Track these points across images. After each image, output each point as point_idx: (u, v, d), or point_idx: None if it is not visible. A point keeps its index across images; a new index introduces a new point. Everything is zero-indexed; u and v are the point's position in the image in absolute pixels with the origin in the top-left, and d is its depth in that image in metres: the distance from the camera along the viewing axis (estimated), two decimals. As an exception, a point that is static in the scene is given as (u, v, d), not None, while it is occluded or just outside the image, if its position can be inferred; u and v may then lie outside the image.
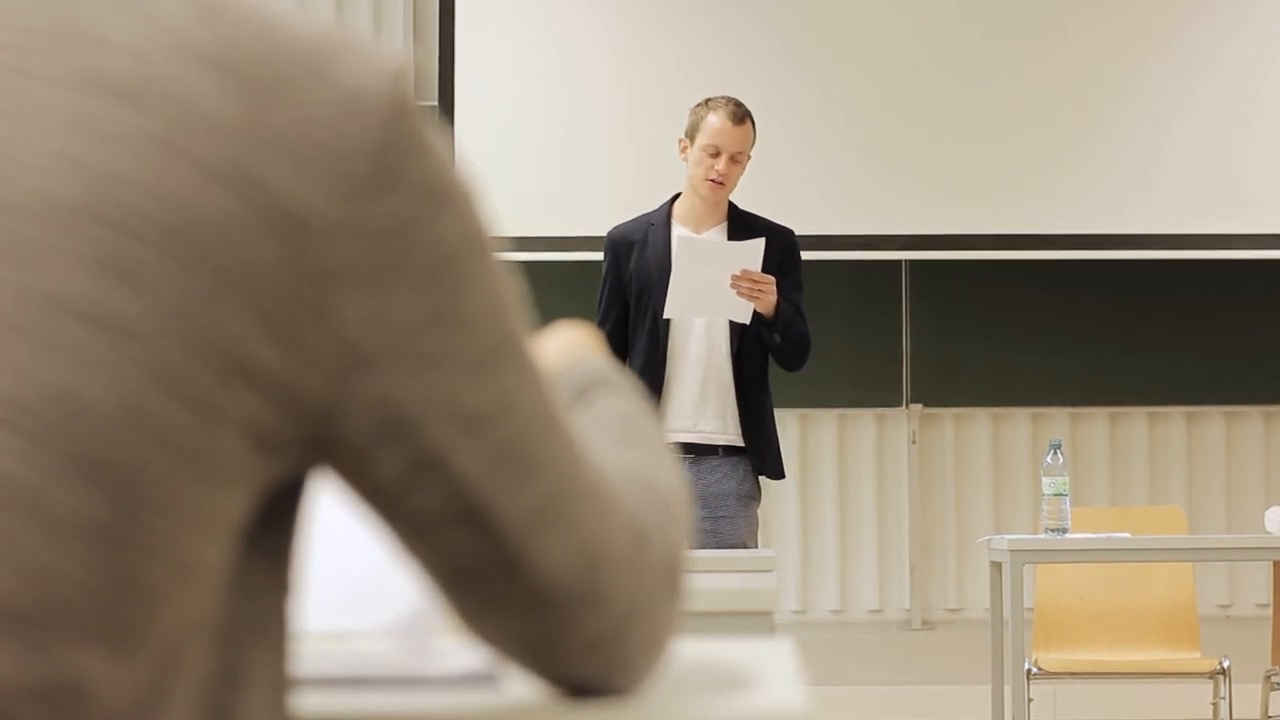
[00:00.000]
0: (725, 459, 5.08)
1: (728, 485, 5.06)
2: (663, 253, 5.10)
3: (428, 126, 0.87)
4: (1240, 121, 7.15)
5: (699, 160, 5.11)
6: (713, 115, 5.13)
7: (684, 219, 5.18)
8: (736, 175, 5.14)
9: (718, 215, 5.18)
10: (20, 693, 0.77)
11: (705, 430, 5.08)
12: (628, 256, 5.14)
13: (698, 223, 5.17)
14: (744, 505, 5.10)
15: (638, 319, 5.11)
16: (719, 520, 5.03)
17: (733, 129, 5.11)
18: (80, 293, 0.79)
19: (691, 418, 5.07)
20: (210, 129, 0.82)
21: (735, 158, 5.11)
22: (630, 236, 5.18)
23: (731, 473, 5.08)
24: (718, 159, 5.09)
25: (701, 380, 5.08)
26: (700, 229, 5.16)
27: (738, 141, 5.11)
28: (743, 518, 5.09)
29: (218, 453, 0.81)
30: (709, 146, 5.10)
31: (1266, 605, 7.10)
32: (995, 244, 7.10)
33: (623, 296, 5.14)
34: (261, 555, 0.86)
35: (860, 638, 7.14)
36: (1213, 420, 7.21)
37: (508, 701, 0.97)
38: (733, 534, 5.04)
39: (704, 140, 5.11)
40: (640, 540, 0.94)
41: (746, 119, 5.14)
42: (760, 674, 1.05)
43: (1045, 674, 5.41)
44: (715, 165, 5.08)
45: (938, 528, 7.16)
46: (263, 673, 0.86)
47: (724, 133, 5.10)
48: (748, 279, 4.93)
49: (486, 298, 0.88)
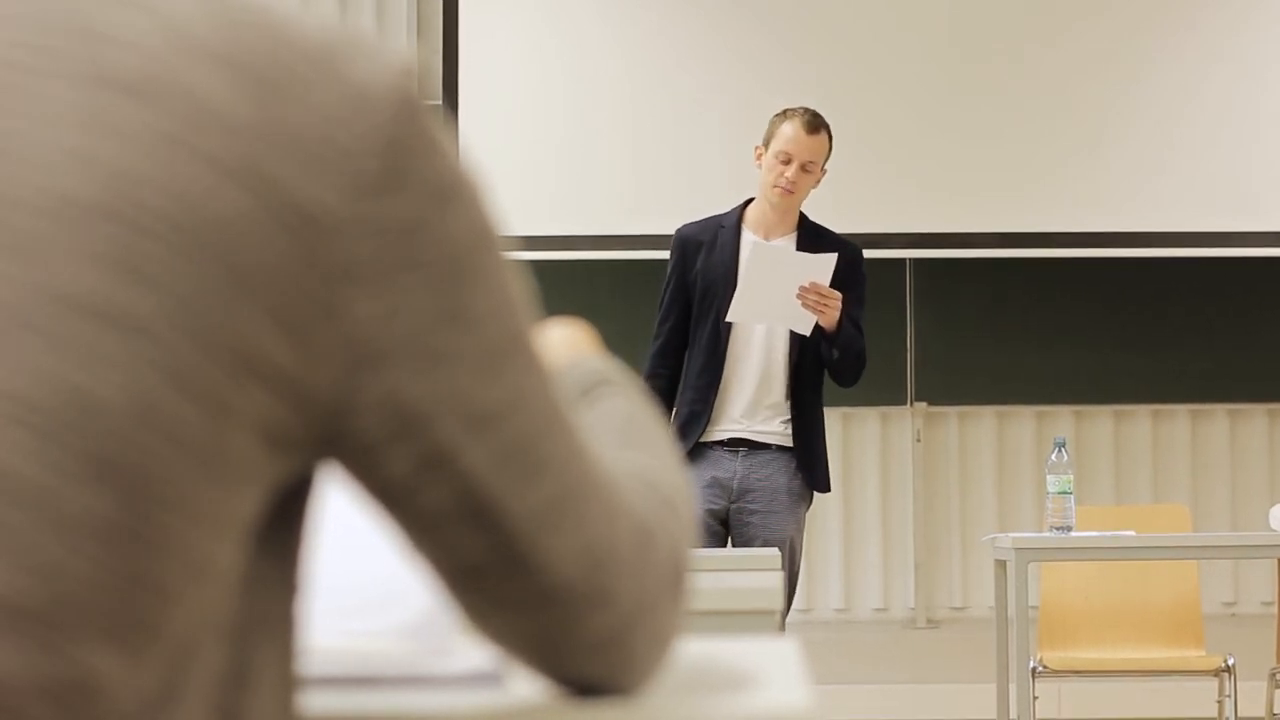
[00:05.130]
0: (778, 455, 5.11)
1: (779, 480, 5.09)
2: (730, 256, 5.14)
3: (436, 125, 0.87)
4: (1245, 119, 7.14)
5: (771, 167, 5.16)
6: (787, 124, 5.17)
7: (754, 225, 5.21)
8: (807, 185, 5.17)
9: (788, 224, 5.21)
10: (32, 691, 0.77)
11: (757, 429, 5.11)
12: (695, 256, 5.18)
13: (767, 230, 5.20)
14: (795, 503, 5.11)
15: (700, 318, 5.14)
16: (769, 515, 5.06)
17: (806, 138, 5.14)
18: (92, 290, 0.79)
19: (744, 420, 5.11)
20: (221, 126, 0.82)
21: (807, 167, 5.14)
22: (699, 237, 5.21)
23: (784, 469, 5.10)
24: (788, 166, 5.12)
25: (757, 386, 5.12)
26: (770, 236, 5.19)
27: (810, 150, 5.14)
28: (793, 516, 5.10)
29: (229, 450, 0.81)
30: (781, 154, 5.14)
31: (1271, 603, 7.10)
32: (1000, 242, 7.10)
33: (685, 294, 5.18)
34: (271, 554, 0.86)
35: (865, 636, 7.14)
36: (1217, 418, 7.21)
37: (514, 701, 0.97)
38: (782, 530, 5.05)
39: (777, 148, 5.15)
40: (645, 540, 0.94)
41: (821, 129, 5.18)
42: (765, 673, 1.05)
43: (1050, 672, 5.41)
44: (785, 173, 5.12)
45: (942, 526, 7.16)
46: (271, 672, 0.86)
47: (796, 141, 5.14)
48: (816, 292, 4.96)
49: (495, 296, 0.88)
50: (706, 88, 6.85)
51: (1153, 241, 7.11)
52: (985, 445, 7.18)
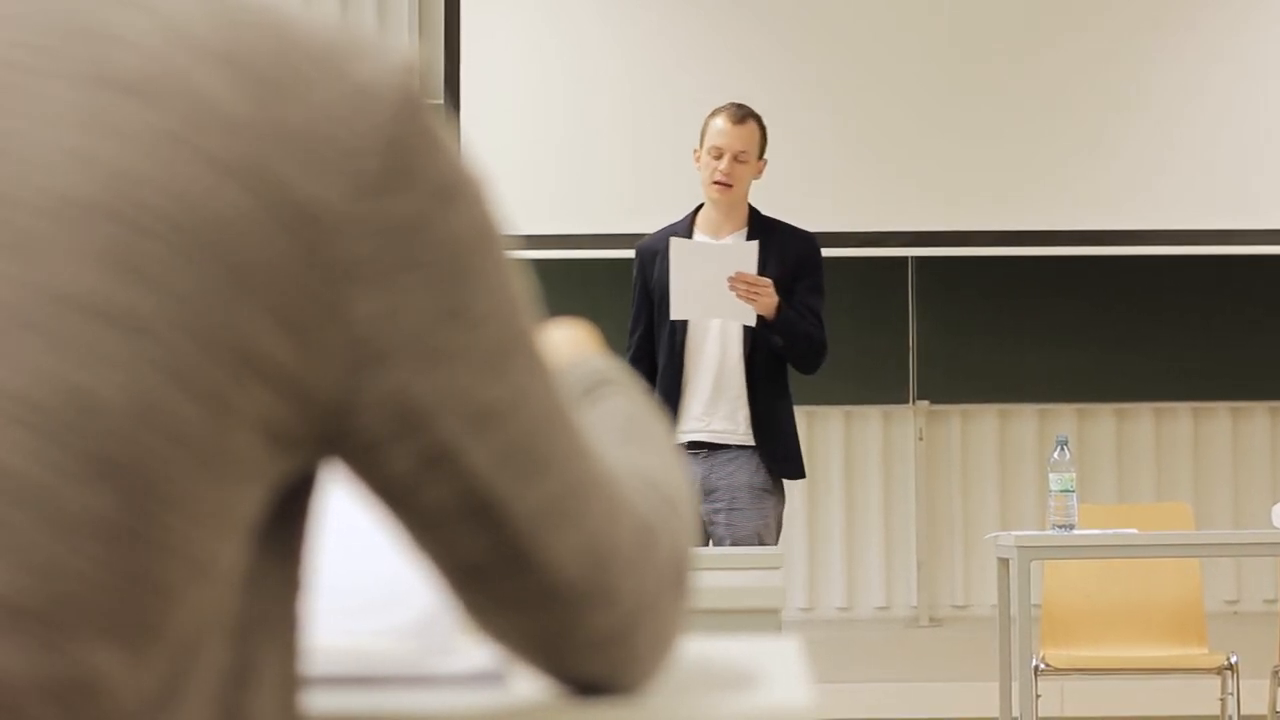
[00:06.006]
0: (739, 453, 5.15)
1: (739, 478, 5.13)
2: None
3: (438, 123, 0.87)
4: (1247, 117, 7.14)
5: (705, 165, 5.21)
6: (714, 119, 5.23)
7: (705, 226, 5.26)
8: (745, 176, 5.19)
9: (737, 220, 5.24)
10: (34, 691, 0.77)
11: (716, 429, 5.17)
12: (652, 267, 5.23)
13: (718, 229, 5.24)
14: (756, 498, 5.14)
15: (661, 324, 5.20)
16: (732, 512, 5.12)
17: (733, 129, 5.17)
18: (93, 289, 0.79)
19: (704, 418, 5.16)
20: (222, 125, 0.82)
21: (739, 157, 5.17)
22: (654, 246, 5.26)
23: (744, 466, 5.15)
24: (720, 160, 5.15)
25: (714, 381, 5.16)
26: (720, 235, 5.23)
27: (739, 140, 5.17)
28: (755, 510, 5.14)
29: (231, 449, 0.81)
30: (712, 149, 5.19)
31: (1274, 601, 7.11)
32: (1002, 241, 7.10)
33: (650, 304, 5.23)
34: (273, 553, 0.86)
35: (867, 635, 7.14)
36: (1219, 416, 7.21)
37: (516, 700, 0.97)
38: (745, 526, 5.11)
39: (708, 144, 5.22)
40: (647, 538, 0.94)
41: (748, 119, 5.20)
42: (767, 672, 1.05)
43: (1053, 670, 5.41)
44: (719, 166, 5.15)
45: (944, 524, 7.16)
46: (273, 671, 0.86)
47: (724, 133, 5.18)
48: (743, 281, 4.99)
49: (497, 294, 0.88)
50: (706, 88, 6.84)
51: (1154, 240, 7.11)
52: (987, 443, 7.18)
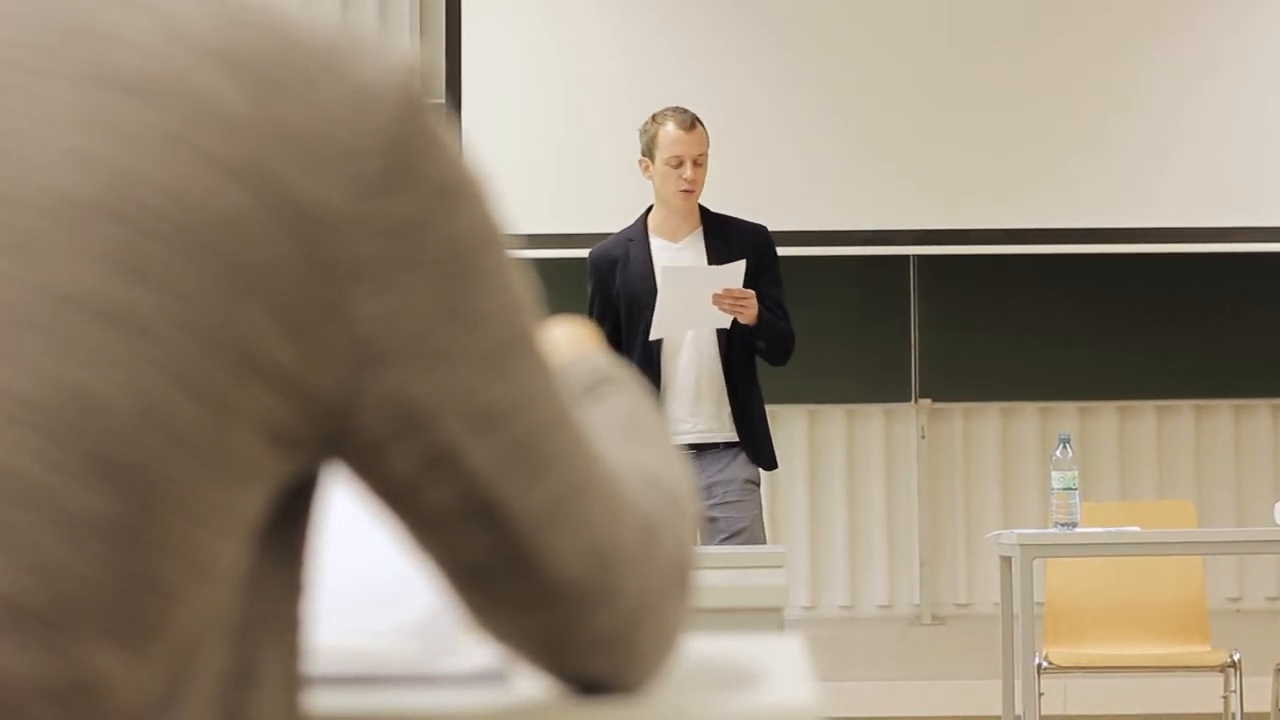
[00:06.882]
0: (726, 450, 5.25)
1: (730, 473, 5.23)
2: (646, 267, 5.26)
3: (440, 123, 0.87)
4: (1248, 115, 7.14)
5: (665, 175, 5.28)
6: (666, 128, 5.28)
7: (660, 230, 5.34)
8: (702, 178, 5.31)
9: (691, 222, 5.35)
10: (35, 692, 0.77)
11: (703, 429, 5.26)
12: (611, 274, 5.31)
13: (673, 232, 5.33)
14: (747, 490, 5.26)
15: (631, 331, 5.26)
16: (726, 505, 5.22)
17: (687, 135, 5.27)
18: (94, 290, 0.79)
19: (689, 419, 5.24)
20: (223, 125, 0.82)
21: (698, 161, 5.28)
22: (612, 253, 5.34)
23: (733, 461, 5.25)
24: (682, 168, 5.24)
25: (695, 385, 5.25)
26: (677, 238, 5.31)
27: (697, 145, 5.27)
28: (751, 501, 5.27)
29: (233, 450, 0.81)
30: (672, 158, 5.26)
31: (1276, 598, 7.11)
32: (1003, 239, 7.10)
33: (613, 310, 5.30)
34: (275, 553, 0.86)
35: (870, 633, 7.14)
36: (1221, 414, 7.21)
37: (518, 699, 0.97)
38: (740, 518, 5.23)
39: (665, 154, 5.27)
40: (650, 537, 0.94)
41: (696, 123, 5.31)
42: (770, 670, 1.05)
43: (1055, 668, 5.41)
44: (683, 174, 5.24)
45: (947, 523, 7.16)
46: (276, 671, 0.86)
47: (681, 141, 5.25)
48: (730, 297, 5.08)
49: (499, 294, 0.88)
50: (706, 88, 6.84)
51: (1156, 237, 7.10)
52: (990, 442, 7.18)
